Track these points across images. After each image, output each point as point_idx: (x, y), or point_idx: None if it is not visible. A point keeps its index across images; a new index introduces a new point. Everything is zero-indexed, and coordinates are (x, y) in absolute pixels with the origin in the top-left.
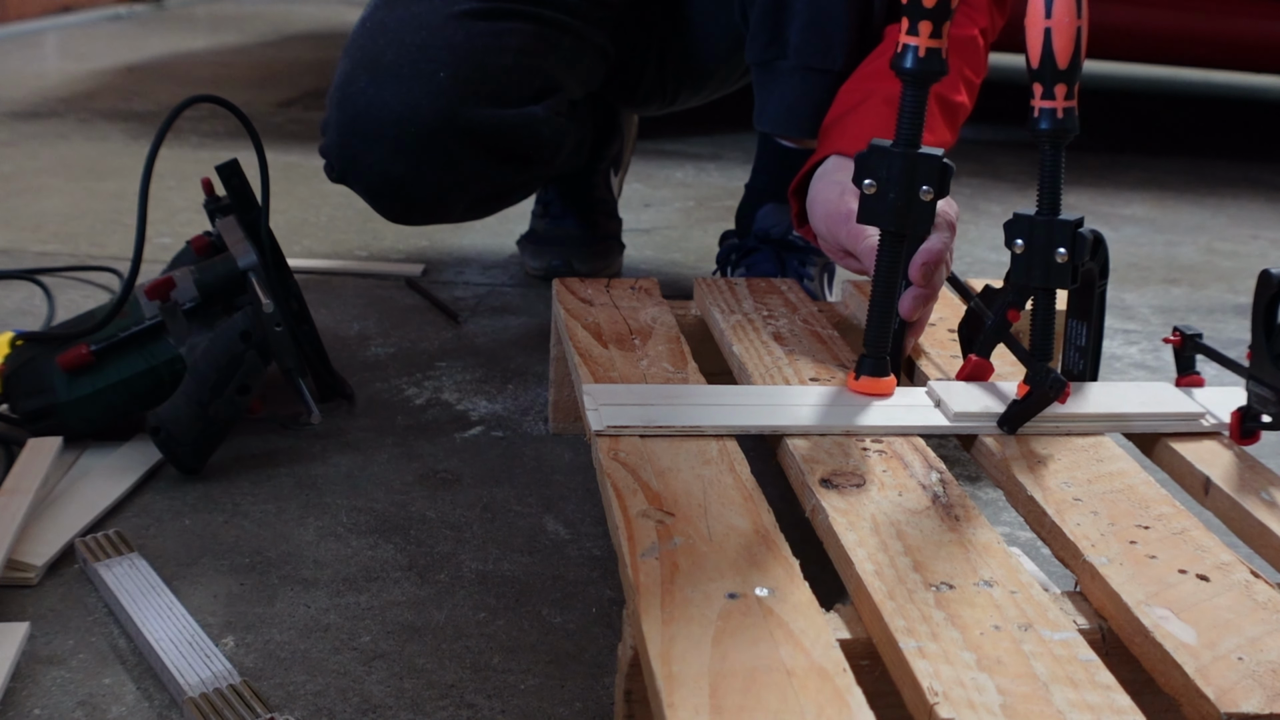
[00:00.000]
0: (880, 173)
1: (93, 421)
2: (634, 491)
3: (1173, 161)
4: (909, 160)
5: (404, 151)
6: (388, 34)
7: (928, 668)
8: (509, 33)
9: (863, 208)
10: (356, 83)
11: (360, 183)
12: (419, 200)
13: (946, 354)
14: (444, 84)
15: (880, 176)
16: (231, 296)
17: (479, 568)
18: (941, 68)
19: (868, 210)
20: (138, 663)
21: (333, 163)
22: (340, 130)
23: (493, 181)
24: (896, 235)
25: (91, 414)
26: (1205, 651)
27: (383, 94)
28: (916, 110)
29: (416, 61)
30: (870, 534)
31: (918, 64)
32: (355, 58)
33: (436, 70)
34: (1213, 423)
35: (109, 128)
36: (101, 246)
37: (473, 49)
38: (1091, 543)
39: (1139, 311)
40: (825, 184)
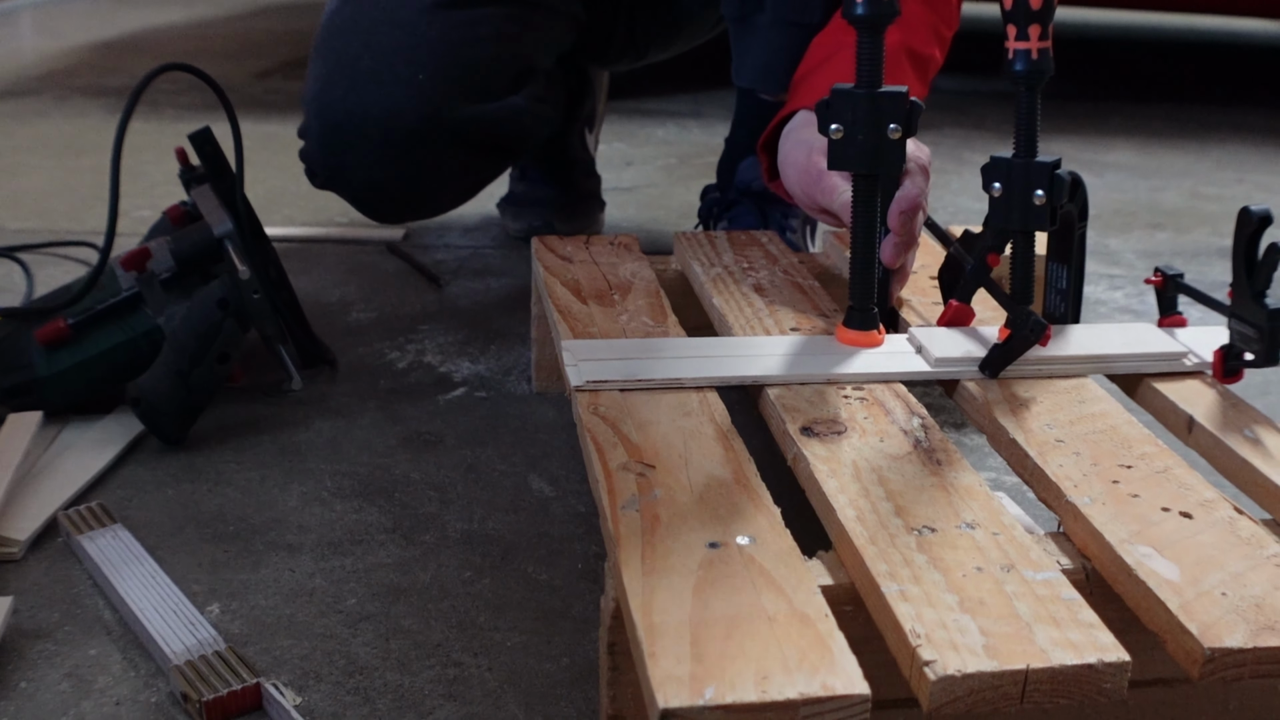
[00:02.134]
0: (846, 116)
1: (73, 395)
2: (614, 445)
3: (1157, 107)
4: (873, 100)
5: (389, 158)
6: (360, 34)
7: (910, 611)
8: (482, 20)
9: (832, 153)
10: (334, 89)
11: (346, 190)
12: (405, 202)
13: (928, 300)
14: (424, 86)
15: (846, 120)
16: (208, 265)
17: (464, 528)
18: (892, 9)
19: (837, 155)
20: (123, 633)
21: (316, 170)
22: (322, 139)
23: (477, 175)
24: (869, 178)
25: (71, 387)
26: (1189, 588)
27: (363, 101)
28: (873, 52)
29: (394, 64)
30: (852, 480)
31: (868, 7)
32: (330, 62)
33: (415, 72)
34: (1195, 362)
35: (86, 104)
36: (80, 222)
37: (448, 44)
38: (1074, 483)
39: (1123, 257)
40: (793, 143)
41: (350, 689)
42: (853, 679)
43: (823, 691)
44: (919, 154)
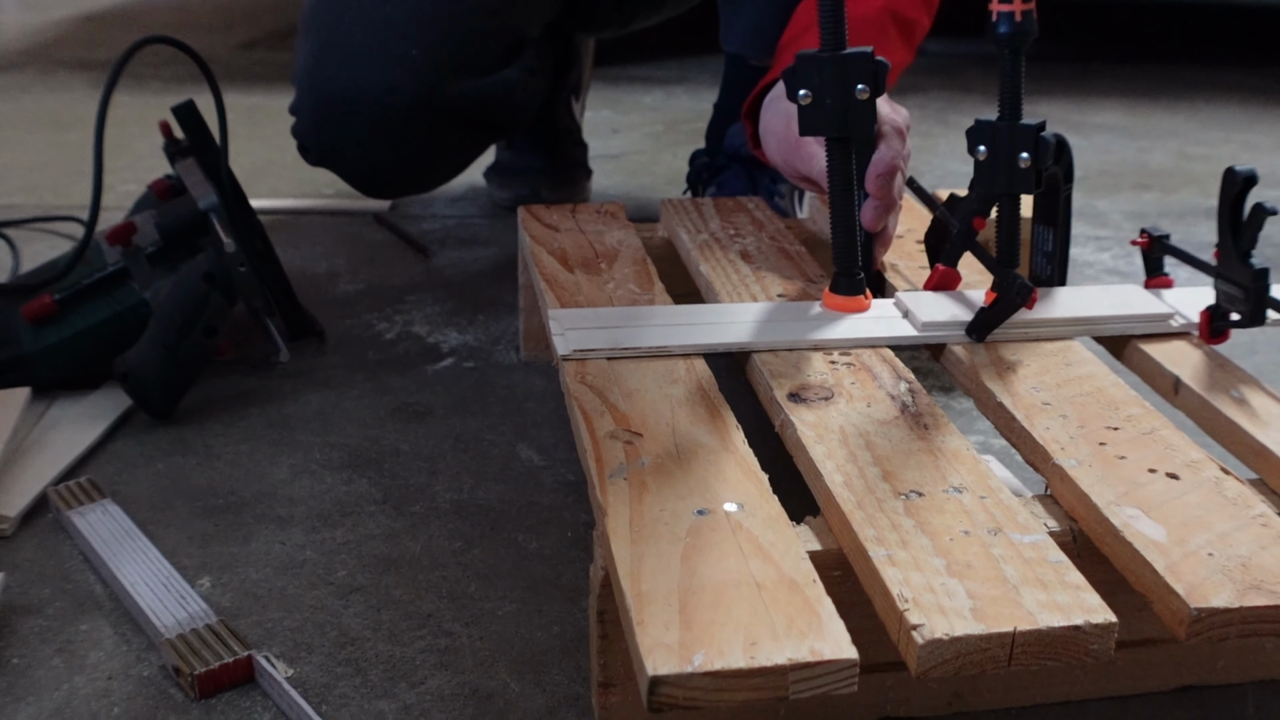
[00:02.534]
0: (813, 81)
1: (60, 371)
2: (601, 414)
3: (1143, 68)
4: (838, 62)
5: (383, 135)
6: (351, 8)
7: (898, 575)
8: None
9: (802, 120)
10: (327, 67)
11: (340, 167)
12: (400, 179)
13: (914, 264)
14: (418, 62)
15: (814, 85)
16: (194, 239)
17: (453, 498)
18: None
19: (808, 121)
20: (114, 608)
21: (309, 147)
22: (315, 117)
23: (470, 150)
24: (842, 141)
25: (59, 363)
26: (1175, 549)
27: (357, 78)
28: (835, 13)
29: (386, 40)
30: (839, 446)
31: None
32: (321, 37)
33: (409, 48)
34: (1182, 323)
35: (70, 77)
36: (66, 197)
37: (440, 17)
38: (1061, 446)
39: (1110, 218)
40: (773, 112)
41: (342, 660)
42: (841, 644)
43: (811, 657)
44: (894, 116)
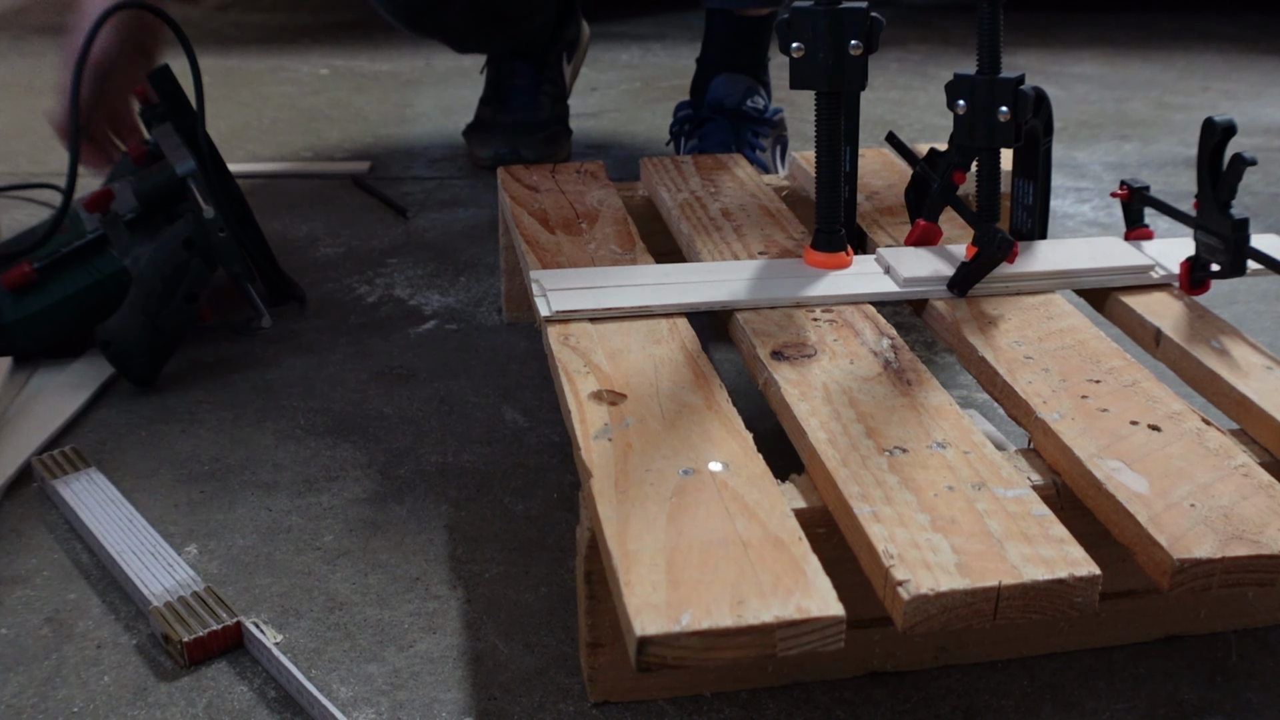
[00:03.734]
0: (806, 34)
1: (41, 339)
2: (585, 374)
3: (1122, 17)
4: (833, 16)
5: None
6: None
7: (882, 531)
8: None
9: (793, 72)
10: None
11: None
12: None
13: (895, 220)
14: None
15: (807, 38)
16: (172, 205)
17: (438, 461)
18: None
19: (799, 74)
20: (101, 576)
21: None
22: None
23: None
24: (832, 95)
25: (40, 332)
26: (1158, 500)
27: None
28: None
29: None
30: (823, 403)
31: None
32: None
33: None
34: (1162, 274)
35: (44, 43)
36: (42, 164)
37: None
38: (1043, 399)
39: (1090, 169)
40: None
41: (330, 625)
42: (827, 601)
43: (797, 614)
44: None
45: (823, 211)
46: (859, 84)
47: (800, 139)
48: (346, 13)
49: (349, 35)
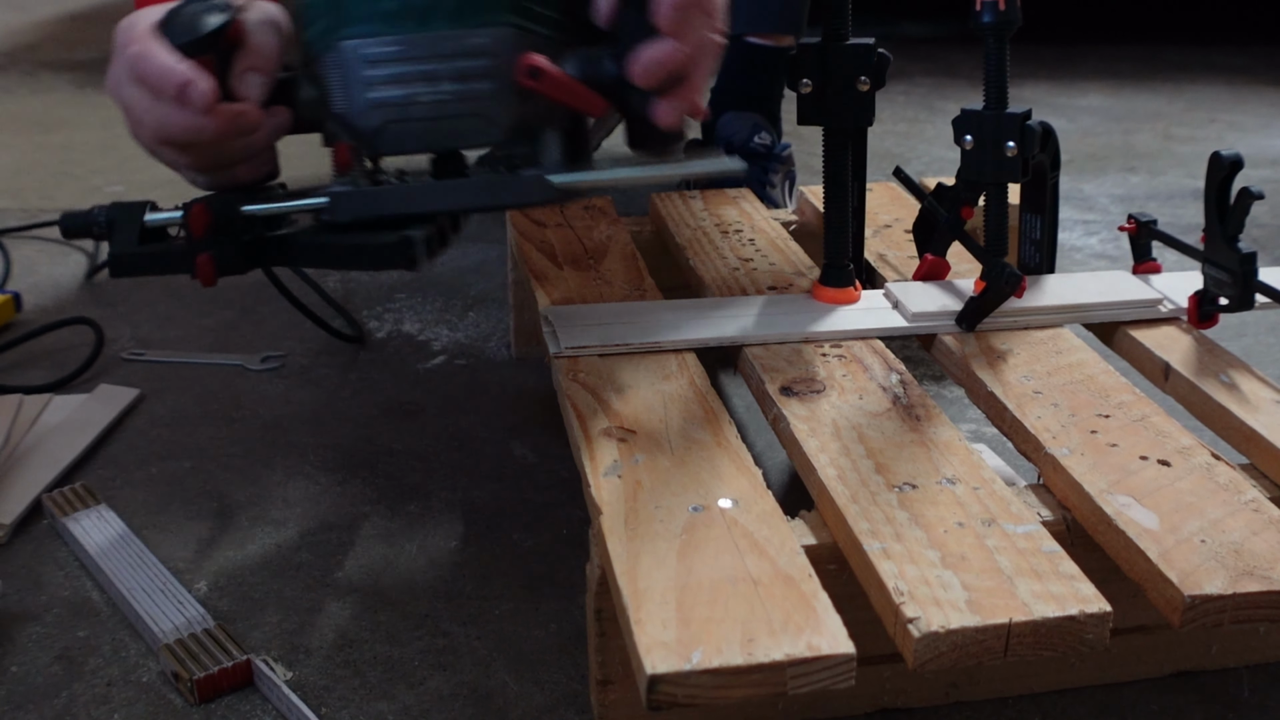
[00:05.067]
0: (814, 69)
1: None
2: (594, 411)
3: (1128, 49)
4: (840, 52)
5: None
6: None
7: (892, 568)
8: None
9: (801, 108)
10: None
11: None
12: None
13: (903, 255)
14: None
15: (814, 73)
16: None
17: (448, 497)
18: None
19: (806, 110)
20: (112, 614)
21: None
22: None
23: None
24: (840, 131)
25: None
26: (1168, 536)
27: None
28: (840, 3)
29: None
30: (832, 439)
31: None
32: None
33: None
34: (1171, 308)
35: (54, 79)
36: (51, 199)
37: None
38: (1052, 434)
39: (1098, 201)
40: None
41: (340, 662)
42: (838, 639)
43: (808, 652)
44: None
45: (831, 246)
46: (866, 120)
47: (808, 172)
48: None
49: None
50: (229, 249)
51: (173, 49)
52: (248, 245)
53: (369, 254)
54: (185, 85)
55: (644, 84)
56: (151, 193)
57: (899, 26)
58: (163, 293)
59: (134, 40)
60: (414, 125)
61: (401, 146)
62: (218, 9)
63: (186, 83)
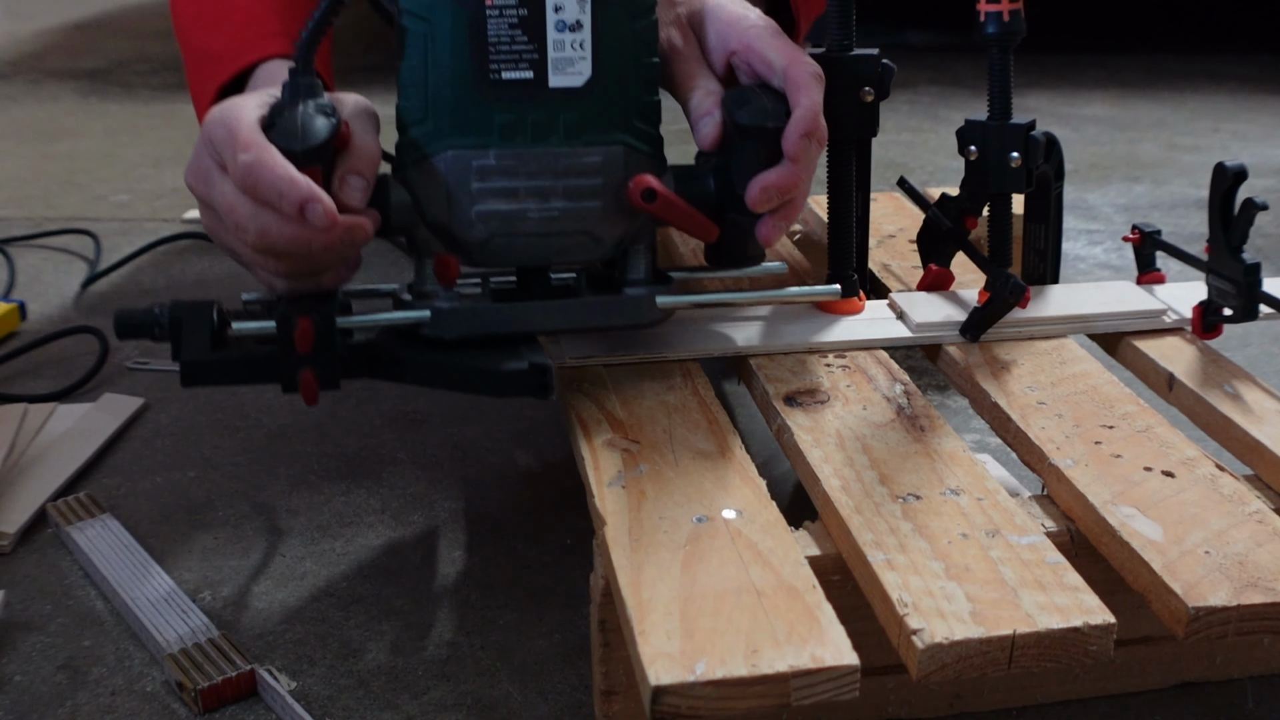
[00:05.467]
0: None
1: None
2: (598, 422)
3: (1132, 58)
4: (845, 63)
5: None
6: None
7: (896, 579)
8: None
9: None
10: None
11: None
12: None
13: (907, 265)
14: None
15: None
16: None
17: (452, 506)
18: None
19: None
20: (116, 623)
21: None
22: None
23: None
24: (844, 142)
25: None
26: (1172, 547)
27: None
28: (844, 13)
29: None
30: (836, 449)
31: None
32: None
33: None
34: (1175, 319)
35: (59, 87)
36: (57, 208)
37: None
38: (1056, 445)
39: (1102, 211)
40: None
41: (344, 672)
42: (841, 650)
43: (812, 664)
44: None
45: (835, 257)
46: (871, 130)
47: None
48: (362, 57)
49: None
50: (330, 364)
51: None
52: (349, 357)
53: (495, 382)
54: (307, 203)
55: (760, 208)
56: (155, 202)
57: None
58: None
59: (242, 143)
60: (520, 240)
61: (505, 260)
62: (325, 111)
63: (309, 200)
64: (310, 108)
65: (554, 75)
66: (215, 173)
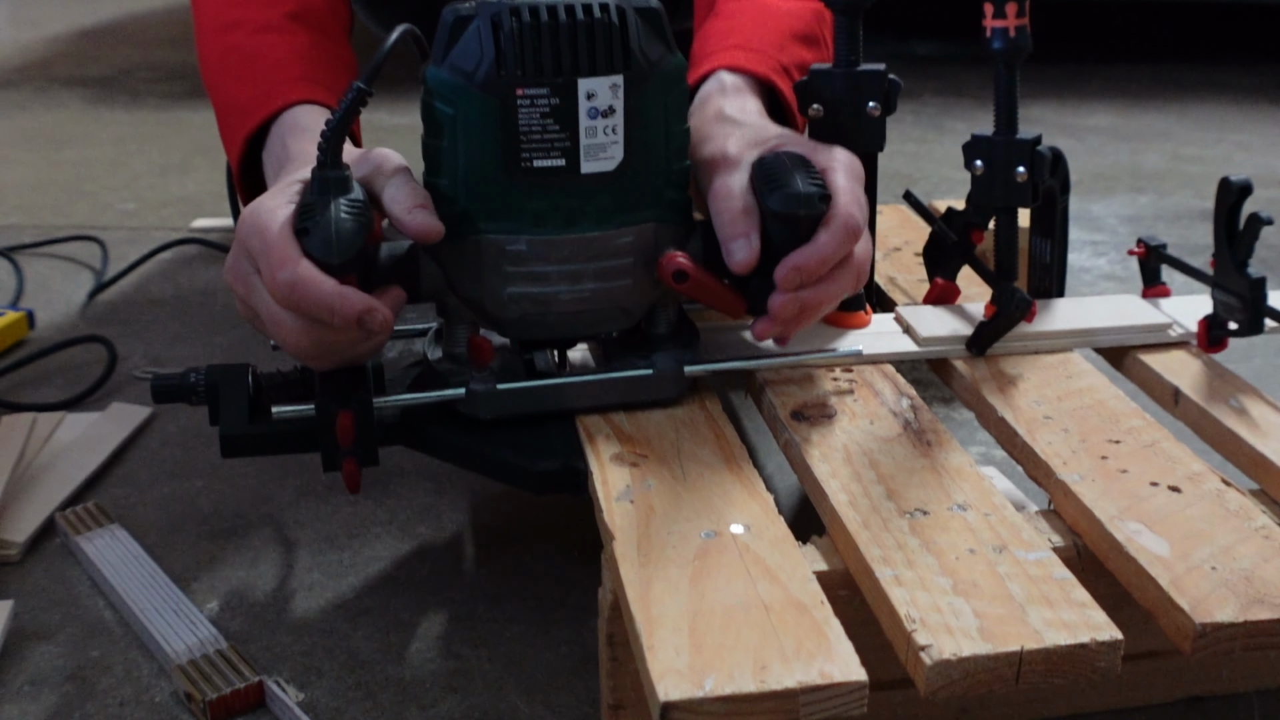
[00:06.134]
0: (824, 95)
1: None
2: (607, 435)
3: (1135, 68)
4: (851, 78)
5: None
6: None
7: (904, 595)
8: None
9: (811, 133)
10: None
11: None
12: None
13: (913, 278)
14: None
15: (825, 99)
16: None
17: (460, 519)
18: None
19: (817, 135)
20: (124, 633)
21: None
22: None
23: None
24: None
25: None
26: (1179, 563)
27: None
28: (850, 30)
29: None
30: (843, 464)
31: None
32: None
33: None
34: (1180, 332)
35: (66, 95)
36: (65, 216)
37: None
38: (1063, 460)
39: (1106, 222)
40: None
41: (352, 684)
42: (850, 666)
43: (820, 679)
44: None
45: None
46: (877, 145)
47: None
48: None
49: None
50: (370, 447)
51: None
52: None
53: (529, 479)
54: (364, 315)
55: (789, 288)
56: (162, 210)
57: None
58: (174, 310)
59: (277, 259)
60: (552, 318)
61: (536, 334)
62: (356, 210)
63: (366, 312)
64: (341, 209)
65: (586, 162)
66: (254, 278)
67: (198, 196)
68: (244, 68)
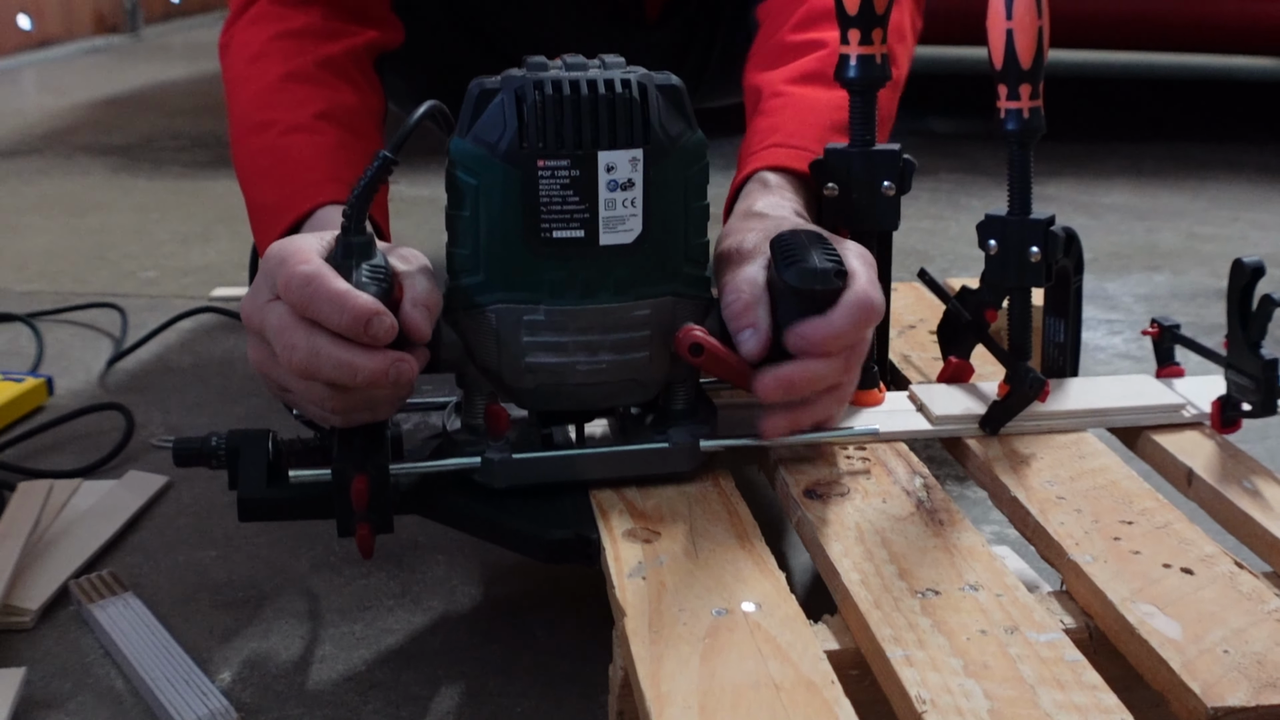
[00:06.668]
0: (839, 174)
1: None
2: (619, 511)
3: (1152, 147)
4: (866, 157)
5: None
6: None
7: (915, 676)
8: None
9: (826, 211)
10: None
11: None
12: None
13: (927, 356)
14: None
15: (840, 177)
16: None
17: (472, 592)
18: (885, 74)
19: (831, 213)
20: (136, 703)
21: None
22: None
23: None
24: (864, 235)
25: None
26: (1191, 646)
27: None
28: (866, 113)
29: None
30: (855, 543)
31: (861, 71)
32: None
33: None
34: (1194, 413)
35: (90, 162)
36: (85, 283)
37: None
38: (1075, 541)
39: (1121, 300)
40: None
41: None
42: None
43: None
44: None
45: None
46: (891, 224)
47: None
48: None
49: None
50: (385, 514)
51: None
52: (401, 504)
53: (542, 548)
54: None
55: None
56: (183, 279)
57: (926, 122)
58: (192, 379)
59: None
60: (568, 389)
61: (552, 405)
62: (378, 276)
63: (373, 314)
64: (364, 273)
65: (605, 234)
66: (270, 304)
67: (219, 265)
68: (274, 169)
